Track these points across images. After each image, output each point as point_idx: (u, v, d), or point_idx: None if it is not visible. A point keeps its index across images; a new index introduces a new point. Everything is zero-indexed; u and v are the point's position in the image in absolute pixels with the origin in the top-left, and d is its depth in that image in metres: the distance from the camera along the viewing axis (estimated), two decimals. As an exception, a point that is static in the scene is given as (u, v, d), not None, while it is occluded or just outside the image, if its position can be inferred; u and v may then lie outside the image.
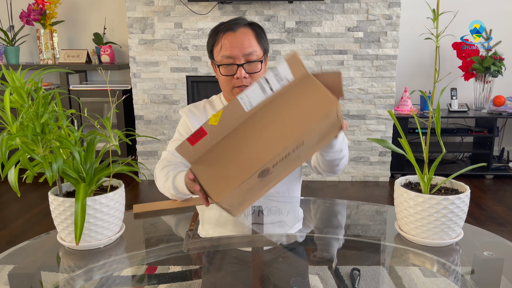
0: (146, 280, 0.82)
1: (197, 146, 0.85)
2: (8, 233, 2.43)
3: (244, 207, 0.89)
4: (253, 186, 0.84)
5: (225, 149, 0.86)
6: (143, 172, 3.41)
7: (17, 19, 3.58)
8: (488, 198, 2.97)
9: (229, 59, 1.29)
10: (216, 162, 0.86)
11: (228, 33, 1.30)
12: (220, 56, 1.31)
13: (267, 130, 0.85)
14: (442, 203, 0.85)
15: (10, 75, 0.83)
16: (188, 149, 0.85)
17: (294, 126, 0.83)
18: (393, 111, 2.87)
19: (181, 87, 3.27)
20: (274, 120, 0.85)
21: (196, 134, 0.84)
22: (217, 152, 0.86)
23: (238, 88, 1.32)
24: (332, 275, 0.81)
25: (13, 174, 0.79)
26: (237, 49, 1.28)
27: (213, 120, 0.85)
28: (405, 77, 3.59)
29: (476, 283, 0.78)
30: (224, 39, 1.30)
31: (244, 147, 0.85)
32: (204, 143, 0.85)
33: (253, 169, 0.81)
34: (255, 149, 0.84)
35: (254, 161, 0.82)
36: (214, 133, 0.86)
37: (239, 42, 1.29)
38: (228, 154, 0.85)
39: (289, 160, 0.86)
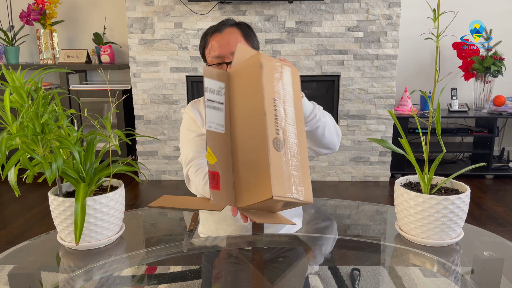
0: (146, 280, 0.82)
1: (223, 186, 0.87)
2: (8, 233, 2.43)
3: (303, 180, 0.89)
4: (286, 160, 0.86)
5: (240, 167, 0.89)
6: (143, 172, 3.41)
7: (17, 19, 3.58)
8: (488, 198, 2.97)
9: (218, 59, 1.34)
10: (246, 179, 0.88)
11: (215, 34, 1.36)
12: (210, 58, 1.36)
13: (246, 124, 0.89)
14: (442, 203, 0.85)
15: (10, 75, 0.83)
16: (221, 195, 0.87)
17: (256, 99, 0.88)
18: (393, 111, 2.88)
19: (181, 87, 3.27)
20: (244, 113, 0.90)
21: (213, 180, 0.86)
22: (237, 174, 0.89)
23: None
24: (332, 275, 0.81)
25: (13, 174, 0.79)
26: (224, 48, 1.33)
27: (211, 159, 0.88)
28: (405, 77, 3.59)
29: (476, 283, 0.78)
30: (212, 40, 1.36)
31: (244, 148, 0.89)
32: (224, 180, 0.88)
33: (264, 147, 0.84)
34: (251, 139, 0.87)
35: (259, 142, 0.85)
36: (222, 167, 0.89)
37: (225, 41, 1.34)
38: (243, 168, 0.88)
39: (284, 119, 0.89)
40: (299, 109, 0.94)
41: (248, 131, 0.88)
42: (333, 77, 3.25)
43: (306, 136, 1.13)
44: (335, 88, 3.27)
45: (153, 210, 1.22)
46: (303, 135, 0.93)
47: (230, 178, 0.89)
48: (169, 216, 1.18)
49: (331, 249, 0.95)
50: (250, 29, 1.43)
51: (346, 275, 0.81)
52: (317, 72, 3.22)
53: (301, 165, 0.89)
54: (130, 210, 1.17)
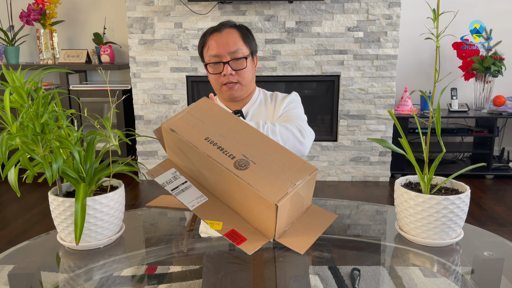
0: (146, 280, 0.82)
1: (246, 233, 0.86)
2: (8, 233, 2.43)
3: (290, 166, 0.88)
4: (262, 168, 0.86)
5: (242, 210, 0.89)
6: (143, 172, 3.41)
7: (17, 19, 3.58)
8: (488, 198, 2.97)
9: (215, 58, 1.36)
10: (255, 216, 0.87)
11: (214, 34, 1.37)
12: (208, 56, 1.38)
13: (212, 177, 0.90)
14: (442, 203, 0.85)
15: (10, 75, 0.83)
16: (251, 242, 0.85)
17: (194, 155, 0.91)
18: (393, 111, 2.88)
19: (181, 87, 3.27)
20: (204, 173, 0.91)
21: (235, 238, 0.86)
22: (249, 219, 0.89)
23: (226, 86, 1.39)
24: (332, 275, 0.81)
25: (13, 174, 0.79)
26: (222, 47, 1.35)
27: (217, 226, 0.88)
28: (405, 77, 3.59)
29: (476, 283, 0.78)
30: (211, 39, 1.38)
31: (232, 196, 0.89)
32: (242, 228, 0.88)
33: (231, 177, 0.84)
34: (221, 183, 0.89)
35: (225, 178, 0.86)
36: (231, 222, 0.89)
37: (224, 41, 1.36)
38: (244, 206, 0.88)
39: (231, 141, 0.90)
40: (234, 120, 0.95)
41: (217, 180, 0.88)
42: (333, 77, 3.25)
43: None
44: (335, 88, 3.27)
45: (153, 210, 1.22)
46: (256, 137, 0.92)
47: (245, 223, 0.88)
48: (169, 216, 1.18)
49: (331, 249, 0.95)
50: (249, 32, 1.44)
51: (346, 275, 0.81)
52: (317, 72, 3.22)
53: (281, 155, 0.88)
54: (130, 210, 1.17)
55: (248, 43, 1.41)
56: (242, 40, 1.39)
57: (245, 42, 1.40)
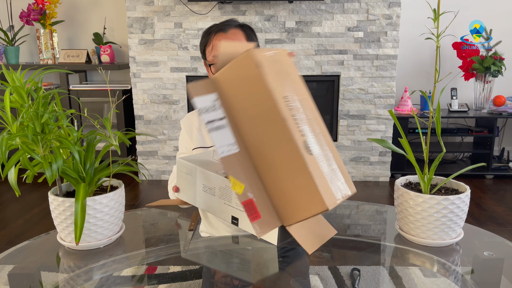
0: (146, 280, 0.82)
1: (262, 211, 0.78)
2: (8, 233, 2.43)
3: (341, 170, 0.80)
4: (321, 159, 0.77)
5: (272, 184, 0.79)
6: (143, 172, 3.41)
7: (17, 19, 3.58)
8: (488, 198, 2.97)
9: None
10: (286, 193, 0.78)
11: (219, 33, 1.36)
12: (211, 56, 1.36)
13: (262, 136, 0.78)
14: (442, 203, 0.85)
15: (10, 75, 0.83)
16: (264, 222, 0.77)
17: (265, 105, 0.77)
18: (393, 111, 2.87)
19: (181, 87, 3.27)
20: (254, 124, 0.79)
21: (250, 211, 0.77)
22: (275, 190, 0.79)
23: None
24: (332, 275, 0.81)
25: (13, 174, 0.79)
26: None
27: (238, 188, 0.77)
28: (405, 77, 3.59)
29: (476, 283, 0.78)
30: (215, 39, 1.36)
31: (270, 163, 0.78)
32: (261, 203, 0.78)
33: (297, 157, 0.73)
34: (277, 151, 0.77)
35: (288, 153, 0.75)
36: (253, 190, 0.79)
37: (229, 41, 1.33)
38: (276, 185, 0.78)
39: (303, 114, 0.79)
40: (308, 93, 0.83)
41: (269, 143, 0.77)
42: (333, 77, 3.25)
43: None
44: (335, 88, 3.27)
45: (153, 210, 1.22)
46: (321, 120, 0.83)
47: (266, 198, 0.79)
48: (169, 216, 1.18)
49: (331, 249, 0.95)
50: (253, 32, 1.44)
51: (346, 275, 0.81)
52: (317, 72, 3.22)
53: (333, 154, 0.79)
54: (130, 210, 1.17)
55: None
56: (246, 41, 1.38)
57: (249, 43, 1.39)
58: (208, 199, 1.01)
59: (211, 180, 0.99)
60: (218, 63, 0.81)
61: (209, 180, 0.99)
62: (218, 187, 0.97)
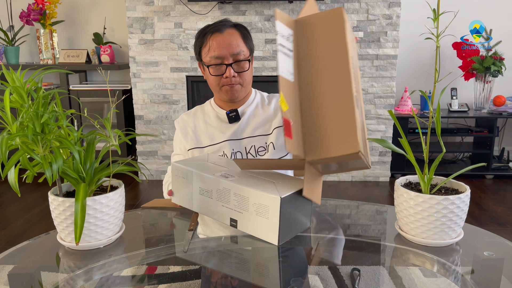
0: (146, 280, 0.82)
1: (294, 135, 0.85)
2: (8, 233, 2.43)
3: (366, 151, 0.92)
4: (360, 120, 0.88)
5: (315, 119, 0.88)
6: (143, 172, 3.41)
7: (17, 19, 3.58)
8: (488, 198, 2.98)
9: (217, 60, 1.34)
10: (323, 131, 0.86)
11: (216, 34, 1.34)
12: (208, 57, 1.35)
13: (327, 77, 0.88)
14: (442, 203, 0.85)
15: (10, 75, 0.83)
16: (292, 144, 0.84)
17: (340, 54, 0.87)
18: (393, 111, 2.88)
19: (181, 87, 3.27)
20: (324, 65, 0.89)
21: (286, 128, 0.84)
22: (312, 125, 0.88)
23: (227, 86, 1.38)
24: (332, 275, 0.81)
25: (13, 174, 0.79)
26: (225, 49, 1.33)
27: (284, 106, 0.85)
28: (405, 77, 3.59)
29: (476, 283, 0.78)
30: (212, 40, 1.35)
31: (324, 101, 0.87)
32: (295, 129, 0.86)
33: (350, 102, 0.84)
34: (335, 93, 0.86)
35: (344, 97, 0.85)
36: (292, 115, 0.86)
37: (226, 42, 1.33)
38: (319, 120, 0.87)
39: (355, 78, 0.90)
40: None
41: (331, 85, 0.87)
42: (333, 77, 3.25)
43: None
44: (335, 88, 3.27)
45: (153, 210, 1.22)
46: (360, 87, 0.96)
47: (299, 129, 0.86)
48: (169, 216, 1.18)
49: (331, 249, 0.95)
50: (247, 31, 1.44)
51: (346, 275, 0.81)
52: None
53: (364, 123, 0.92)
54: (130, 210, 1.17)
55: (247, 43, 1.40)
56: (243, 41, 1.37)
57: (245, 43, 1.38)
58: (205, 202, 1.01)
59: (208, 182, 0.99)
60: (302, 12, 0.94)
61: (206, 183, 0.99)
62: (216, 190, 0.97)
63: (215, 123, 1.46)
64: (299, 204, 0.94)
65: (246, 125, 1.44)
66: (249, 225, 0.93)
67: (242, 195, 0.92)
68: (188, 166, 1.03)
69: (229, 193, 0.95)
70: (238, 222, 0.95)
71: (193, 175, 1.02)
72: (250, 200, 0.91)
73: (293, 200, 0.90)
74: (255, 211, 0.90)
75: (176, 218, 1.15)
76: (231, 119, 1.44)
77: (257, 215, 0.90)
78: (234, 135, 1.43)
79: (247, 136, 1.43)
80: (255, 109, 1.48)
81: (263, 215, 0.89)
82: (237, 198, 0.93)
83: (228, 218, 0.97)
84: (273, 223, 0.88)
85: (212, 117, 1.48)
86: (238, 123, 1.45)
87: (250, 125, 1.44)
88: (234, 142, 1.42)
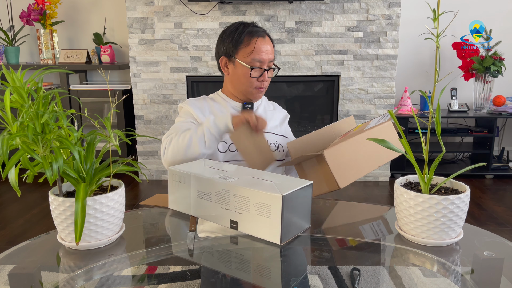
0: (146, 280, 0.82)
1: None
2: (8, 233, 2.44)
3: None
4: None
5: (349, 147, 1.16)
6: (143, 172, 3.41)
7: (17, 19, 3.58)
8: (488, 198, 2.98)
9: (259, 63, 1.42)
10: (342, 155, 1.14)
11: (261, 38, 1.43)
12: (250, 58, 1.41)
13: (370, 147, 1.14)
14: (442, 203, 0.85)
15: (10, 75, 0.83)
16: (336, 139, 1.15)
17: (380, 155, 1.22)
18: (393, 111, 2.88)
19: (181, 87, 3.27)
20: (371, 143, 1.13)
21: (345, 134, 1.16)
22: (344, 148, 1.15)
23: (258, 89, 1.47)
24: (332, 275, 0.81)
25: (14, 174, 0.79)
26: (266, 55, 1.43)
27: (356, 128, 1.20)
28: (405, 77, 3.59)
29: (476, 283, 0.78)
30: (259, 43, 1.42)
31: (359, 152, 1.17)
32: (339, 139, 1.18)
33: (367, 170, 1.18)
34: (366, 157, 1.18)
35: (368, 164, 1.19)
36: (347, 135, 1.21)
37: (269, 49, 1.44)
38: (350, 152, 1.16)
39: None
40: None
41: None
42: (333, 77, 3.25)
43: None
44: (335, 88, 3.27)
45: (153, 210, 1.22)
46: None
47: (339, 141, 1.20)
48: (169, 216, 1.18)
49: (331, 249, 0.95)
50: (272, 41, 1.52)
51: (346, 275, 0.81)
52: (317, 72, 3.22)
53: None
54: (130, 210, 1.17)
55: (275, 52, 1.50)
56: (273, 50, 1.48)
57: (274, 52, 1.49)
58: (204, 205, 1.01)
59: (207, 185, 0.99)
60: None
61: (205, 186, 0.99)
62: (215, 192, 0.97)
63: (229, 112, 1.49)
64: (300, 204, 0.94)
65: None
66: (250, 225, 0.93)
67: (242, 196, 0.92)
68: (186, 170, 1.03)
69: (229, 194, 0.95)
70: (239, 224, 0.95)
71: (191, 179, 1.02)
72: (250, 200, 0.91)
73: (294, 199, 0.90)
74: (256, 211, 0.91)
75: (176, 218, 1.16)
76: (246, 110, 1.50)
77: (258, 215, 0.90)
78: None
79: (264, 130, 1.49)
80: (265, 108, 1.58)
81: (264, 215, 0.89)
82: (237, 199, 0.93)
83: (228, 220, 0.97)
84: (275, 222, 0.88)
85: (226, 107, 1.52)
86: None
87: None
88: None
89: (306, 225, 0.99)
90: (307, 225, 0.99)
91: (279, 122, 1.58)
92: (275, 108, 1.63)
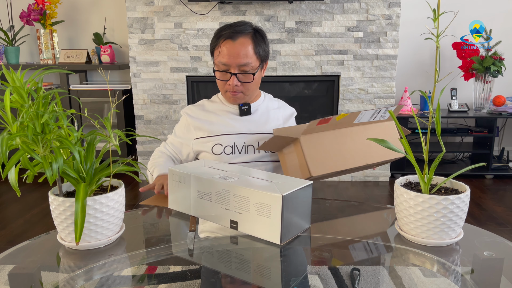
0: (146, 280, 0.82)
1: (319, 126, 1.15)
2: (8, 233, 2.43)
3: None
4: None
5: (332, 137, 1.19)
6: (143, 172, 3.41)
7: (17, 19, 3.58)
8: (488, 198, 2.98)
9: (224, 66, 1.36)
10: (322, 143, 1.18)
11: (228, 41, 1.35)
12: (217, 61, 1.38)
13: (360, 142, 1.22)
14: (442, 203, 0.85)
15: (10, 75, 0.83)
16: (313, 124, 1.13)
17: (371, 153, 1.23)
18: (393, 111, 2.87)
19: (181, 87, 3.27)
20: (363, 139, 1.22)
21: (324, 120, 1.13)
22: (325, 137, 1.18)
23: (230, 93, 1.42)
24: (332, 275, 0.81)
25: (14, 174, 0.79)
26: (232, 58, 1.34)
27: (340, 117, 1.14)
28: (405, 77, 3.59)
29: (476, 283, 0.78)
30: (223, 45, 1.36)
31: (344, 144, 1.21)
32: (323, 127, 1.16)
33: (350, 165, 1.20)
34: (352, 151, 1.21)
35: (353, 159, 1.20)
36: (332, 125, 1.17)
37: (235, 52, 1.34)
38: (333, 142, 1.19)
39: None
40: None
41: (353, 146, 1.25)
42: (333, 77, 3.25)
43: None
44: (335, 88, 3.27)
45: (153, 210, 1.22)
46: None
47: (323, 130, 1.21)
48: (169, 216, 1.18)
49: (331, 249, 0.95)
50: (263, 38, 1.44)
51: (346, 275, 0.81)
52: (317, 72, 3.22)
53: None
54: (130, 210, 1.17)
55: (259, 53, 1.39)
56: (253, 52, 1.37)
57: (256, 53, 1.38)
58: (204, 205, 1.01)
59: (207, 185, 0.99)
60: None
61: (205, 186, 0.99)
62: (215, 192, 0.97)
63: (226, 116, 1.48)
64: (300, 204, 0.94)
65: (259, 122, 1.49)
66: (250, 225, 0.93)
67: (242, 196, 0.92)
68: (186, 170, 1.03)
69: (229, 194, 0.95)
70: (239, 224, 0.95)
71: (191, 179, 1.02)
72: (250, 200, 0.91)
73: (294, 199, 0.90)
74: (256, 211, 0.91)
75: (176, 218, 1.16)
76: (243, 112, 1.47)
77: (258, 215, 0.90)
78: (247, 129, 1.46)
79: (260, 132, 1.47)
80: (267, 108, 1.53)
81: (264, 215, 0.89)
82: (237, 199, 0.93)
83: (228, 220, 0.97)
84: (275, 222, 0.88)
85: (223, 110, 1.50)
86: (250, 118, 1.49)
87: (263, 122, 1.49)
88: (247, 136, 1.46)
89: (306, 225, 0.99)
90: (307, 225, 1.00)
91: (282, 121, 1.54)
92: (279, 107, 1.57)
